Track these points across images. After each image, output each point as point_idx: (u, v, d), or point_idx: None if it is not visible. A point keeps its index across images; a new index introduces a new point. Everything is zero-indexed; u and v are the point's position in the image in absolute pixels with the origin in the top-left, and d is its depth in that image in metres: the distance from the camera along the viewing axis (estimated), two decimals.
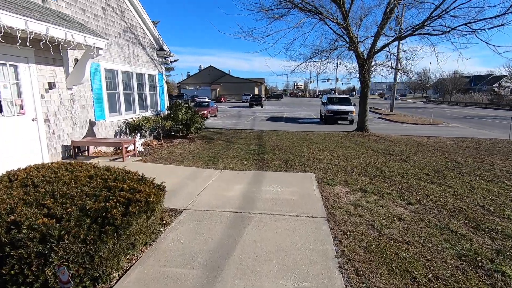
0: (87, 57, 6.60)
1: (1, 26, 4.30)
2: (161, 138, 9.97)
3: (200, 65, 78.61)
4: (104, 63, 8.17)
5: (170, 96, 46.62)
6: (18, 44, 4.88)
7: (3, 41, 4.90)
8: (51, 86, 6.39)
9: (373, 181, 5.80)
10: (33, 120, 6.03)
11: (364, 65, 12.93)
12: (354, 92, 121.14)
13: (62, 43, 5.58)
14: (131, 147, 7.56)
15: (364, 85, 13.62)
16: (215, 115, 25.80)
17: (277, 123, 20.43)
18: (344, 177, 6.00)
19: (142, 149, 8.16)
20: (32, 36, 4.97)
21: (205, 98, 42.08)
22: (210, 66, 73.27)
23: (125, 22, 9.28)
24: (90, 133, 7.64)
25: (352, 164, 7.21)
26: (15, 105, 5.73)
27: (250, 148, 9.17)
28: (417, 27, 10.95)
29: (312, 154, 8.43)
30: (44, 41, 5.25)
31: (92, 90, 7.72)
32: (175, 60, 43.95)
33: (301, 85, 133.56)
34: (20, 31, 4.69)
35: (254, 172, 6.18)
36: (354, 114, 20.27)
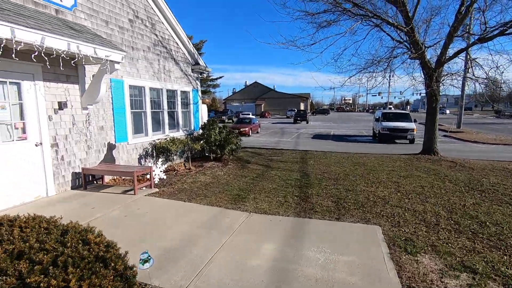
0: (102, 73, 5.74)
1: None
2: (190, 162, 8.86)
3: (246, 81, 79.69)
4: (128, 79, 7.38)
5: (215, 112, 47.22)
6: (13, 55, 4.05)
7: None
8: (61, 105, 5.61)
9: (476, 245, 3.77)
10: (36, 145, 5.23)
11: (433, 75, 10.60)
12: (408, 107, 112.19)
13: (71, 57, 4.73)
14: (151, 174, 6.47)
15: (432, 98, 11.20)
16: (257, 132, 24.66)
17: (324, 141, 18.45)
18: (428, 235, 4.05)
19: (164, 177, 7.05)
20: (42, 49, 4.14)
21: (249, 114, 41.57)
22: (255, 82, 73.67)
23: (156, 35, 8.54)
24: (109, 157, 6.77)
25: (432, 208, 5.16)
26: (15, 128, 4.97)
27: (291, 177, 7.54)
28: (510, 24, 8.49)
29: (371, 188, 6.50)
30: (54, 55, 4.44)
31: (113, 109, 6.90)
32: (220, 77, 44.62)
33: (349, 100, 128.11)
34: (22, 44, 3.85)
35: (293, 219, 4.55)
36: (415, 132, 17.45)
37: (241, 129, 21.62)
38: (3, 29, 3.75)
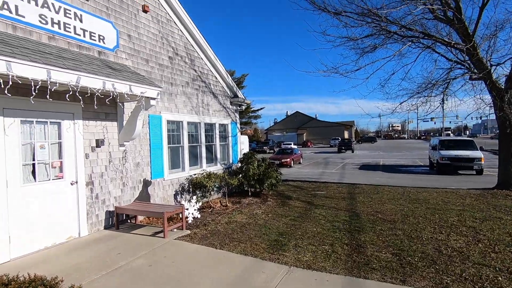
0: (138, 109, 5.70)
1: (12, 76, 3.49)
2: (227, 198, 8.38)
3: (287, 111, 79.99)
4: (166, 114, 7.36)
5: (257, 142, 47.42)
6: (50, 96, 4.09)
7: (45, 99, 4.20)
8: (98, 143, 5.61)
9: None
10: (72, 184, 5.18)
11: (505, 96, 9.10)
12: (467, 132, 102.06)
13: (106, 95, 4.73)
14: (183, 215, 6.07)
15: (506, 123, 9.54)
16: (299, 162, 23.75)
17: (372, 172, 16.88)
18: None
19: (199, 215, 6.61)
20: (77, 89, 4.17)
21: (291, 144, 40.92)
22: (297, 111, 73.63)
23: (195, 70, 8.63)
24: (144, 194, 6.57)
25: None
26: (53, 167, 4.97)
27: (338, 218, 6.58)
28: None
29: (440, 235, 5.29)
30: (92, 94, 4.47)
31: (150, 144, 6.83)
32: (261, 108, 45.30)
33: (397, 126, 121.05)
34: (58, 84, 3.88)
35: (344, 280, 3.65)
36: (482, 162, 15.13)
37: (282, 160, 20.96)
38: (40, 71, 3.78)
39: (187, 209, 6.35)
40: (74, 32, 5.28)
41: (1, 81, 3.48)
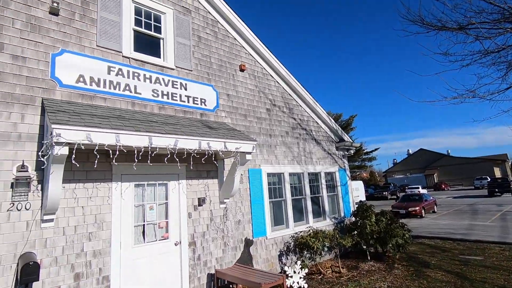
0: (234, 165, 5.55)
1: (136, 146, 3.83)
2: (339, 261, 7.00)
3: (408, 150, 70.21)
4: (266, 167, 7.05)
5: (375, 187, 42.49)
6: (150, 160, 4.35)
7: (153, 162, 4.55)
8: (200, 202, 5.63)
9: None
10: (176, 245, 5.21)
11: None
12: None
13: (201, 154, 4.78)
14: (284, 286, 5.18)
15: None
16: (433, 211, 19.26)
17: None
18: None
19: (305, 285, 5.55)
20: (175, 151, 4.39)
21: (418, 188, 34.48)
22: (421, 149, 63.70)
23: (294, 118, 8.29)
24: (245, 255, 6.11)
25: None
26: (159, 228, 5.15)
27: None
28: None
29: None
30: (193, 154, 4.64)
31: (250, 200, 6.53)
32: (375, 149, 41.17)
33: None
34: (157, 149, 4.14)
35: None
36: None
37: (410, 209, 17.41)
38: (142, 138, 4.06)
39: (291, 276, 5.45)
40: (180, 99, 5.80)
41: (120, 150, 3.84)
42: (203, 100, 6.18)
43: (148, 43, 5.66)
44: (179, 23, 6.12)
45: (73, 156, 3.50)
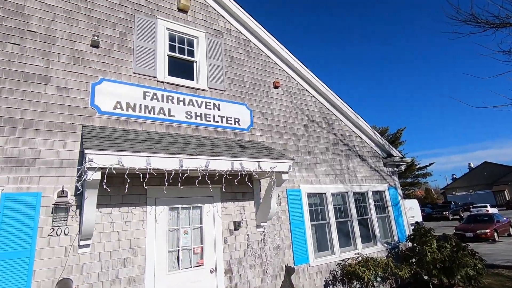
0: (270, 186, 5.22)
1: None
2: None
3: (469, 164, 63.10)
4: (306, 187, 6.58)
5: (432, 206, 38.46)
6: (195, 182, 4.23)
7: (187, 185, 4.46)
8: (236, 226, 5.35)
9: None
10: (211, 272, 4.93)
11: None
12: None
13: (233, 174, 4.56)
14: None
15: None
16: (509, 234, 16.59)
17: None
18: None
19: None
20: (206, 173, 4.25)
21: (486, 207, 30.25)
22: (485, 162, 56.78)
23: (334, 134, 7.78)
24: (286, 285, 5.59)
25: None
26: (194, 253, 4.94)
27: None
28: None
29: None
30: (227, 175, 4.49)
31: (290, 223, 6.08)
32: (430, 164, 37.52)
33: None
34: (188, 171, 4.03)
35: None
36: None
37: (478, 232, 15.17)
38: (172, 161, 3.97)
39: None
40: (213, 120, 5.74)
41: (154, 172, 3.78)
42: (236, 120, 6.05)
43: (181, 67, 5.77)
44: (211, 45, 6.20)
45: (104, 180, 3.50)
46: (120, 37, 5.15)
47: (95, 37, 4.74)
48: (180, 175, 4.09)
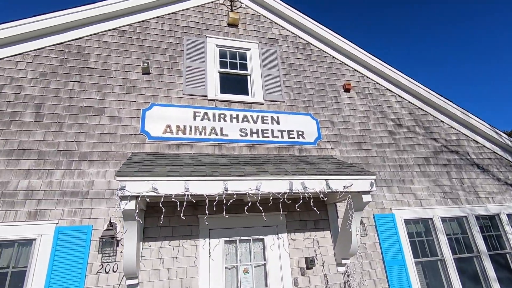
0: (347, 211, 4.00)
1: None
2: None
3: None
4: (401, 211, 5.02)
5: None
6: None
7: (249, 213, 3.76)
8: (308, 263, 4.23)
9: None
10: None
11: None
12: None
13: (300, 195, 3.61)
14: None
15: None
16: None
17: None
18: None
19: None
20: (257, 197, 3.49)
21: None
22: None
23: (435, 139, 5.98)
24: None
25: None
26: None
27: None
28: None
29: None
30: (292, 199, 3.63)
31: (383, 261, 4.58)
32: None
33: None
34: (235, 196, 3.33)
35: None
36: None
37: None
38: (216, 184, 3.30)
39: None
40: (272, 135, 4.97)
41: (210, 199, 3.22)
42: (300, 133, 5.14)
43: (233, 82, 5.31)
44: (265, 55, 5.62)
45: (137, 211, 3.05)
46: (170, 61, 5.04)
47: (145, 64, 4.71)
48: (225, 201, 3.39)
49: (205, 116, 4.76)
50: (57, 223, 3.64)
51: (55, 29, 4.57)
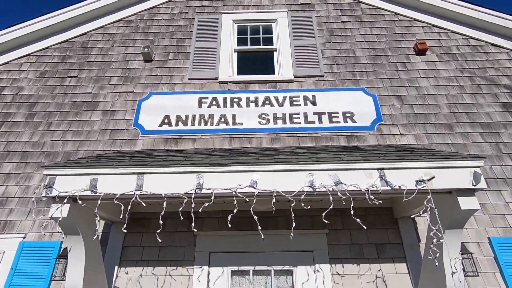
0: (430, 229, 2.21)
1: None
2: None
3: None
4: None
5: None
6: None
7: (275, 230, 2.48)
8: None
9: None
10: None
11: None
12: None
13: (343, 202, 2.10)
14: None
15: None
16: None
17: None
18: None
19: None
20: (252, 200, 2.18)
21: None
22: None
23: None
24: None
25: None
26: None
27: None
28: None
29: None
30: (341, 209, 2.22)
31: None
32: None
33: None
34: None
35: None
36: None
37: None
38: (186, 179, 2.10)
39: None
40: (305, 120, 3.53)
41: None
42: (348, 115, 3.55)
43: (252, 61, 4.16)
44: (297, 23, 4.33)
45: (79, 220, 2.03)
46: (177, 44, 4.22)
47: (146, 49, 3.97)
48: (235, 211, 2.11)
49: (214, 102, 3.68)
50: (24, 237, 2.94)
51: (61, 27, 4.30)
